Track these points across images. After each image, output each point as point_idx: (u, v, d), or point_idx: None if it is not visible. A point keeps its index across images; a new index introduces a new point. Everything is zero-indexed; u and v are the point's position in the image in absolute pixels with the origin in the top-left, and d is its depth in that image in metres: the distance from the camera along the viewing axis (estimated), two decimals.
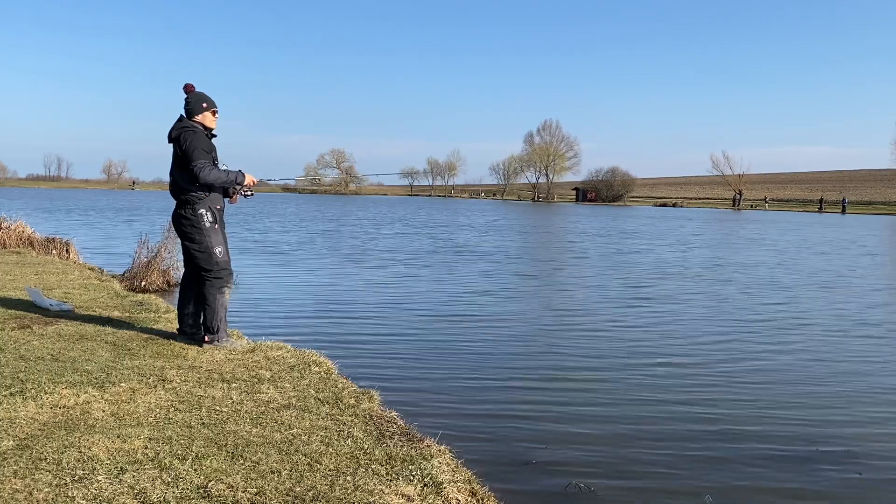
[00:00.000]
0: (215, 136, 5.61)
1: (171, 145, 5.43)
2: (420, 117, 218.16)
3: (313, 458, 3.55)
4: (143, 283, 10.61)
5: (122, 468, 3.25)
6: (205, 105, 5.50)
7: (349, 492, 3.20)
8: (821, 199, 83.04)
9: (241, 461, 3.44)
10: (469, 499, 3.45)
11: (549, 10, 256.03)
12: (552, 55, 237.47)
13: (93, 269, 11.45)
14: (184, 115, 5.49)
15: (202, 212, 5.45)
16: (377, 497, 3.17)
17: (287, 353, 5.65)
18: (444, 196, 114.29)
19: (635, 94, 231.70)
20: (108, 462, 3.31)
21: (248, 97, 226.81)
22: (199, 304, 5.65)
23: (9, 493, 2.96)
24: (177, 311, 5.94)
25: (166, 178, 5.70)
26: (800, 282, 14.30)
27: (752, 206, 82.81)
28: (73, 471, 3.19)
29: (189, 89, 5.50)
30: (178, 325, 5.88)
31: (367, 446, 3.77)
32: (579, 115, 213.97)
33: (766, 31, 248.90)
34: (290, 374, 5.04)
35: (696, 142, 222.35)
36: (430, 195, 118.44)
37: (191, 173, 5.27)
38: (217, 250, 5.49)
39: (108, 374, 4.68)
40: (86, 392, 4.27)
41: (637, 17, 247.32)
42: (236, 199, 5.68)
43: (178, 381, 4.65)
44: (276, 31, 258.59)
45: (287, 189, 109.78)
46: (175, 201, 5.59)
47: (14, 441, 3.50)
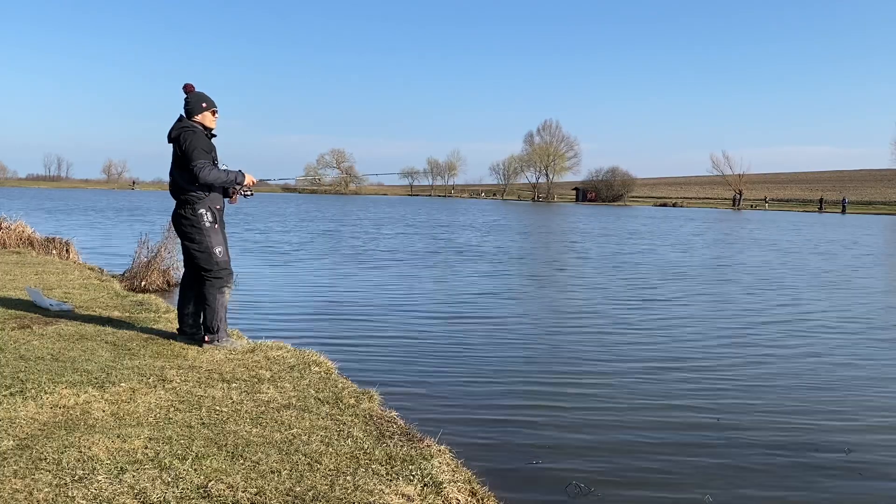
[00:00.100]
0: (215, 136, 5.61)
1: (171, 145, 5.43)
2: (420, 117, 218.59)
3: (313, 457, 3.55)
4: (143, 283, 10.61)
5: (122, 468, 3.25)
6: (204, 105, 5.50)
7: (349, 492, 3.20)
8: (821, 199, 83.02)
9: (241, 461, 3.44)
10: (469, 499, 3.45)
11: (549, 10, 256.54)
12: (552, 55, 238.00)
13: (93, 269, 11.45)
14: (183, 115, 5.49)
15: (202, 212, 5.45)
16: (377, 497, 3.17)
17: (287, 353, 5.65)
18: (444, 196, 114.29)
19: (635, 94, 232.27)
20: (108, 462, 3.31)
21: (248, 97, 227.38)
22: (199, 304, 5.65)
23: (9, 493, 2.96)
24: (177, 311, 5.94)
25: (166, 178, 5.70)
26: (803, 282, 14.28)
27: (752, 206, 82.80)
28: (73, 471, 3.19)
29: (189, 89, 5.50)
30: (178, 325, 5.88)
31: (367, 446, 3.77)
32: (579, 115, 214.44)
33: (766, 31, 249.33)
34: (290, 374, 5.04)
35: (696, 142, 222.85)
36: (430, 195, 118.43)
37: (191, 173, 5.27)
38: (217, 250, 5.50)
39: (108, 374, 4.68)
40: (86, 392, 4.27)
41: (637, 17, 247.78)
42: (236, 199, 5.68)
43: (178, 380, 4.65)
44: (276, 31, 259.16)
45: (287, 189, 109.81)
46: (175, 201, 5.59)
47: (14, 441, 3.50)
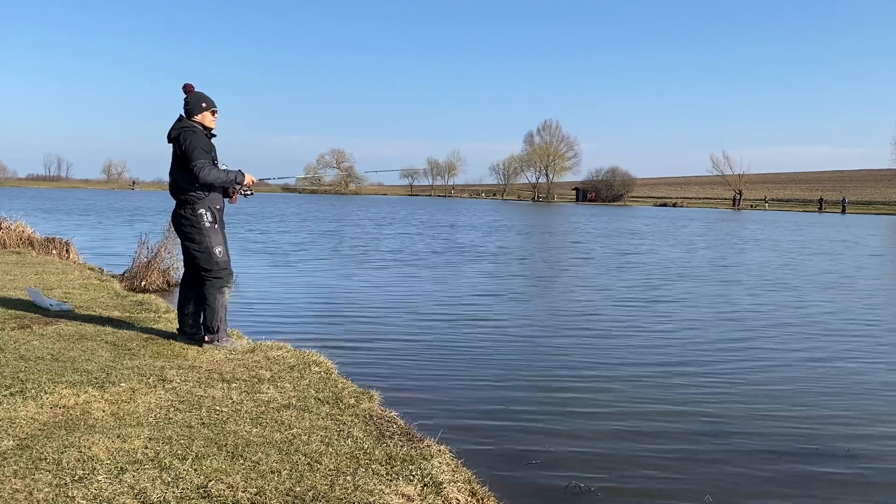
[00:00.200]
0: (215, 136, 5.61)
1: (171, 145, 5.43)
2: (420, 117, 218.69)
3: (313, 457, 3.55)
4: (143, 283, 10.61)
5: (122, 468, 3.25)
6: (204, 105, 5.50)
7: (349, 492, 3.20)
8: (821, 199, 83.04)
9: (241, 461, 3.44)
10: (469, 498, 3.45)
11: (549, 10, 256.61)
12: (552, 55, 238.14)
13: (93, 269, 11.45)
14: (183, 114, 5.49)
15: (202, 212, 5.45)
16: (377, 497, 3.17)
17: (287, 353, 5.65)
18: (444, 196, 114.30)
19: (635, 94, 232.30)
20: (108, 462, 3.30)
21: (248, 97, 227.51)
22: (199, 304, 5.65)
23: (9, 493, 2.96)
24: (177, 311, 5.94)
25: (166, 178, 5.70)
26: (806, 283, 14.25)
27: (752, 206, 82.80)
28: (73, 471, 3.19)
29: (188, 89, 5.50)
30: (178, 325, 5.88)
31: (367, 446, 3.76)
32: (579, 115, 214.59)
33: (766, 31, 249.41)
34: (290, 374, 5.04)
35: (696, 142, 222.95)
36: (430, 195, 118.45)
37: (190, 173, 5.27)
38: (217, 250, 5.50)
39: (108, 373, 4.68)
40: (86, 392, 4.27)
41: (637, 17, 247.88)
42: (236, 198, 5.68)
43: (178, 380, 4.65)
44: (276, 31, 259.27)
45: (287, 189, 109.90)
46: (175, 201, 5.59)
47: (14, 441, 3.50)
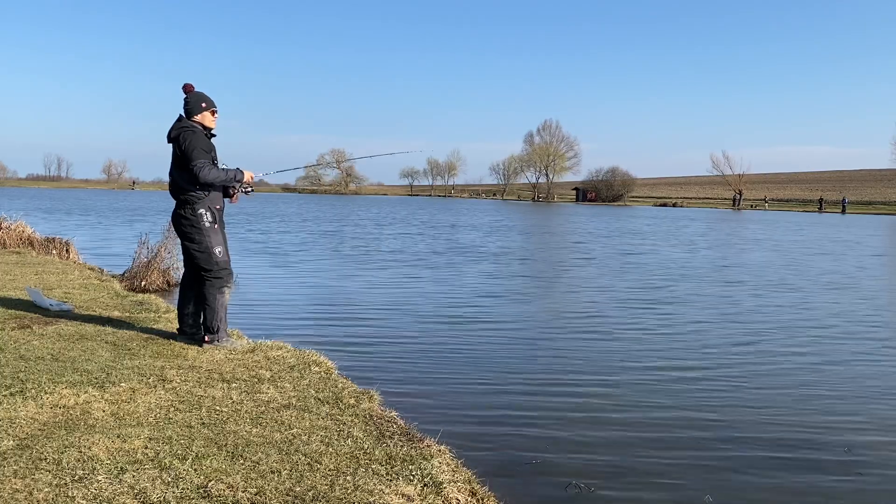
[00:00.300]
0: (215, 136, 5.61)
1: (171, 145, 5.43)
2: (420, 117, 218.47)
3: (313, 457, 3.55)
4: (143, 283, 10.61)
5: (122, 468, 3.25)
6: (204, 105, 5.50)
7: (349, 492, 3.20)
8: (821, 199, 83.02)
9: (241, 461, 3.44)
10: (469, 499, 3.45)
11: (549, 10, 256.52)
12: (552, 55, 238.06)
13: (93, 269, 11.45)
14: (183, 114, 5.49)
15: (202, 212, 5.45)
16: (377, 497, 3.17)
17: (287, 353, 5.65)
18: (444, 196, 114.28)
19: (635, 94, 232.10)
20: (108, 462, 3.30)
21: (248, 97, 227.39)
22: (199, 304, 5.65)
23: (9, 493, 2.96)
24: (177, 311, 5.94)
25: (166, 178, 5.70)
26: (808, 283, 14.23)
27: (752, 206, 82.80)
28: (73, 471, 3.19)
29: (188, 89, 5.50)
30: (178, 325, 5.88)
31: (367, 446, 3.76)
32: (579, 115, 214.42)
33: (767, 31, 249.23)
34: (290, 374, 5.04)
35: (696, 142, 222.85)
36: (431, 195, 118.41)
37: (190, 173, 5.27)
38: (217, 250, 5.49)
39: (108, 373, 4.68)
40: (86, 392, 4.27)
41: (637, 17, 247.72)
42: (237, 198, 5.68)
43: (178, 380, 4.65)
44: (276, 30, 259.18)
45: (287, 189, 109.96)
46: (175, 201, 5.59)
47: (14, 441, 3.50)
